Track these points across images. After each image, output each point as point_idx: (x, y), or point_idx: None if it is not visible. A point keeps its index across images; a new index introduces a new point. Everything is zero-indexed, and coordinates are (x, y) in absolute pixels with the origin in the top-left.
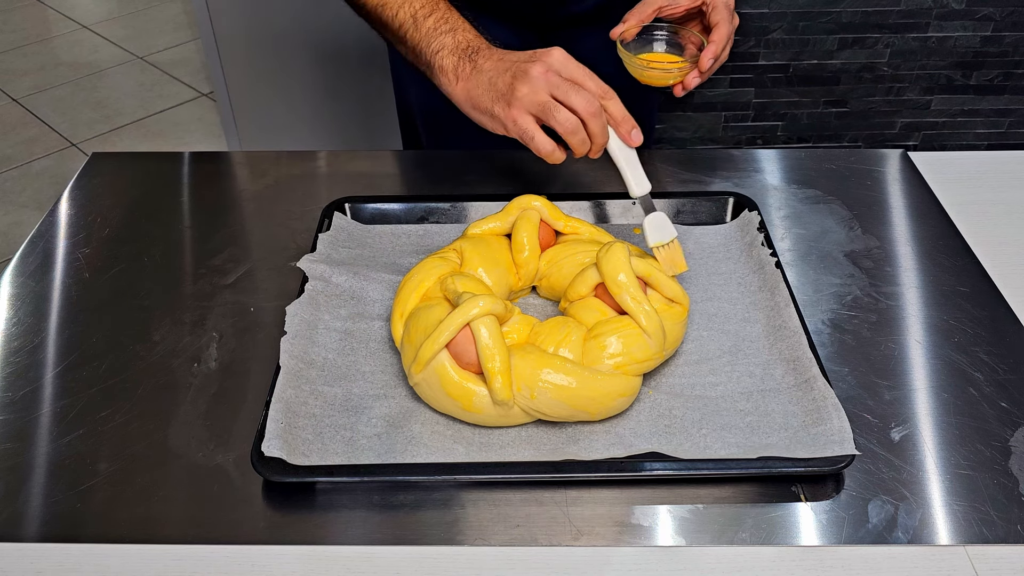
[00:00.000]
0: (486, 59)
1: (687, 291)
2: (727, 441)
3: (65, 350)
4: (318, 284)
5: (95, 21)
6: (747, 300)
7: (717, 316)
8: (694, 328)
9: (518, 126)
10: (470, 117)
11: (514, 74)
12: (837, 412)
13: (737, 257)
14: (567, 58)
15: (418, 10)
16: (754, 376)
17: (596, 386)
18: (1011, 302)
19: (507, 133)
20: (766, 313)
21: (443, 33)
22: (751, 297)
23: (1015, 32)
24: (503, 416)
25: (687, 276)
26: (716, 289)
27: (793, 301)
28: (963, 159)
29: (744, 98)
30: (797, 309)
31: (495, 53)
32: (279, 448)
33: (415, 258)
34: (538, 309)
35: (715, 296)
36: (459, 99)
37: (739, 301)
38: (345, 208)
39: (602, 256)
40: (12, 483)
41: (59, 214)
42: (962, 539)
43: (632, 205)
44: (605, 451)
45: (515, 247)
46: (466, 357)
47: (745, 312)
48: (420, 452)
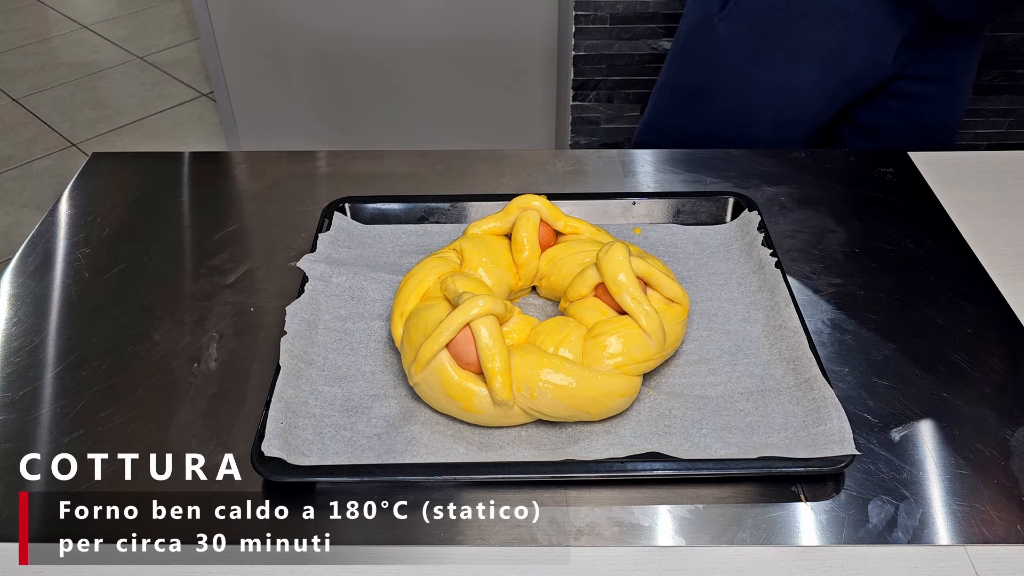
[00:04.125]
0: None
1: (687, 291)
2: (727, 441)
3: (65, 350)
4: (318, 284)
5: (95, 21)
6: (747, 300)
7: (717, 316)
8: (694, 328)
9: None
10: None
11: None
12: (837, 412)
13: (737, 257)
14: None
15: None
16: (754, 376)
17: (596, 386)
18: (1011, 302)
19: None
20: (766, 313)
21: None
22: (751, 297)
23: (1015, 32)
24: (503, 416)
25: (687, 276)
26: (716, 289)
27: (793, 301)
28: (963, 159)
29: None
30: (797, 309)
31: None
32: (279, 448)
33: (415, 258)
34: (538, 309)
35: (715, 296)
36: None
37: (739, 301)
38: (345, 208)
39: (602, 256)
40: (12, 483)
41: (59, 214)
42: (962, 539)
43: (632, 205)
44: (605, 451)
45: (515, 247)
46: (466, 357)
47: (745, 312)
48: (420, 452)
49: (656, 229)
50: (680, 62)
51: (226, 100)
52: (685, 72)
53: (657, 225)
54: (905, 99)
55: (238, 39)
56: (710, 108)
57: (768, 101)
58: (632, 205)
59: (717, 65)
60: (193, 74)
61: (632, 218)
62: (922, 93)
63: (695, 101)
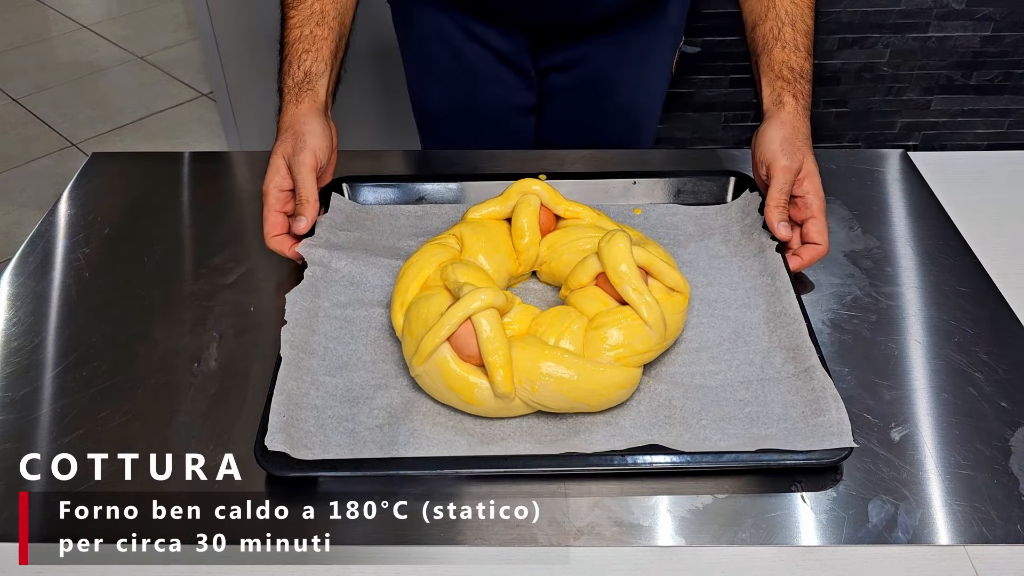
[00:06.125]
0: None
1: (687, 275)
2: (726, 432)
3: (65, 350)
4: (317, 270)
5: (95, 21)
6: (747, 285)
7: (717, 302)
8: (694, 315)
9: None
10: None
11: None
12: (836, 403)
13: (738, 239)
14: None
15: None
16: (753, 364)
17: (597, 378)
18: (1011, 302)
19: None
20: (766, 299)
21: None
22: (752, 282)
23: (1015, 32)
24: (504, 408)
25: (688, 259)
26: (716, 273)
27: (794, 287)
28: (963, 159)
29: (744, 98)
30: (798, 295)
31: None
32: (282, 442)
33: (414, 240)
34: (538, 294)
35: (715, 280)
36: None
37: (739, 286)
38: (343, 188)
39: (603, 245)
40: (12, 483)
41: (59, 214)
42: (962, 539)
43: (632, 185)
44: (605, 443)
45: (515, 233)
46: (467, 350)
47: (745, 297)
48: (422, 444)
49: (656, 209)
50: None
51: (226, 100)
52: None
53: (658, 205)
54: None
55: (238, 39)
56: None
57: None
58: (633, 185)
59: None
60: (193, 74)
61: (632, 198)
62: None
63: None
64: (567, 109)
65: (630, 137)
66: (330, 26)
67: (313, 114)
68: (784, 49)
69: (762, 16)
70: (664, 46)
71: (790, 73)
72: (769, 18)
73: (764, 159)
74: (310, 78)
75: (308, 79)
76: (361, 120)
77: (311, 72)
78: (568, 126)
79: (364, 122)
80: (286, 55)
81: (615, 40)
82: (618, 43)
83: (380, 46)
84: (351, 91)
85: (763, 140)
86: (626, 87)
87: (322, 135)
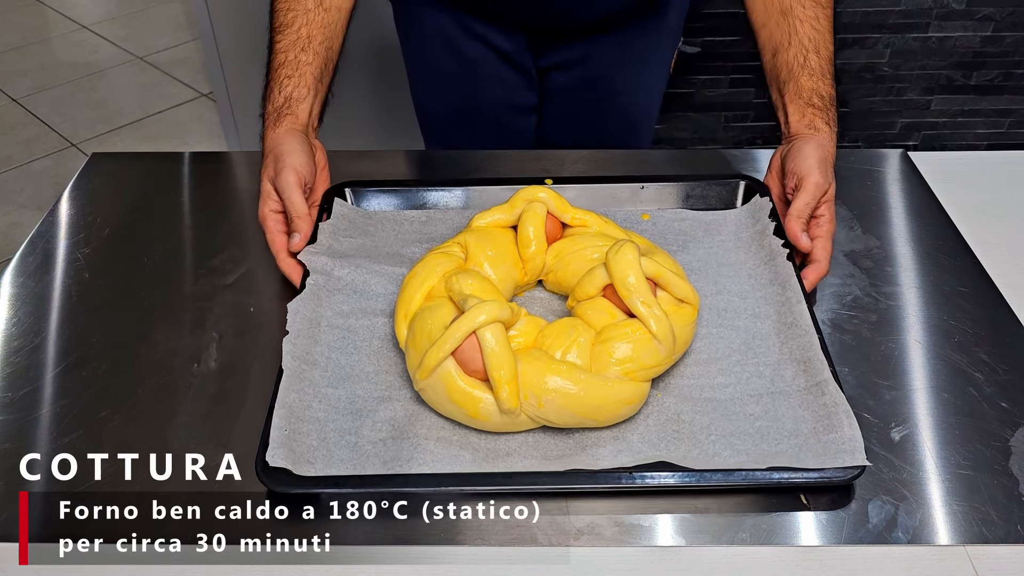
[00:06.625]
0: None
1: (696, 283)
2: (736, 448)
3: (65, 350)
4: (319, 278)
5: (95, 21)
6: (758, 294)
7: (727, 311)
8: (704, 325)
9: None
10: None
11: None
12: (849, 419)
13: (748, 246)
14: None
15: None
16: (764, 377)
17: (604, 393)
18: (1011, 302)
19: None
20: (777, 309)
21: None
22: (762, 291)
23: (1015, 32)
24: (510, 423)
25: (697, 267)
26: (726, 281)
27: (805, 296)
28: (963, 159)
29: (744, 98)
30: (809, 305)
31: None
32: (283, 457)
33: (418, 247)
34: (544, 303)
35: (725, 289)
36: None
37: (749, 295)
38: (346, 194)
39: (611, 257)
40: (12, 483)
41: (59, 214)
42: (962, 539)
43: (641, 189)
44: (613, 459)
45: (521, 242)
46: (472, 365)
47: (756, 307)
48: (426, 460)
49: (665, 215)
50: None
51: (226, 100)
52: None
53: (666, 211)
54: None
55: (238, 39)
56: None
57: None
58: (640, 189)
59: None
60: (193, 74)
61: (640, 203)
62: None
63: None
64: (567, 109)
65: (629, 137)
66: (315, 51)
67: (291, 134)
68: (812, 77)
69: (784, 43)
70: (664, 47)
71: (820, 101)
72: (792, 45)
73: (797, 171)
74: (290, 103)
75: (288, 104)
76: (362, 120)
77: (292, 97)
78: (568, 126)
79: (365, 122)
80: (269, 80)
81: (616, 40)
82: (619, 44)
83: (381, 46)
84: (351, 91)
85: (799, 154)
86: (626, 87)
87: (300, 151)
